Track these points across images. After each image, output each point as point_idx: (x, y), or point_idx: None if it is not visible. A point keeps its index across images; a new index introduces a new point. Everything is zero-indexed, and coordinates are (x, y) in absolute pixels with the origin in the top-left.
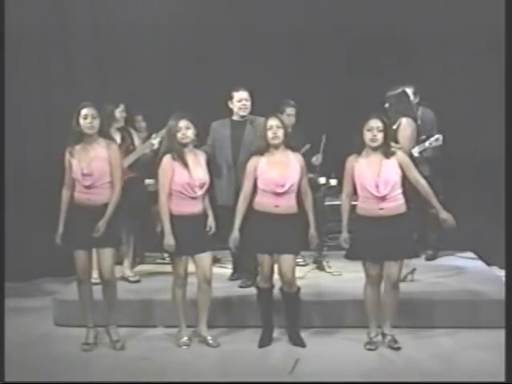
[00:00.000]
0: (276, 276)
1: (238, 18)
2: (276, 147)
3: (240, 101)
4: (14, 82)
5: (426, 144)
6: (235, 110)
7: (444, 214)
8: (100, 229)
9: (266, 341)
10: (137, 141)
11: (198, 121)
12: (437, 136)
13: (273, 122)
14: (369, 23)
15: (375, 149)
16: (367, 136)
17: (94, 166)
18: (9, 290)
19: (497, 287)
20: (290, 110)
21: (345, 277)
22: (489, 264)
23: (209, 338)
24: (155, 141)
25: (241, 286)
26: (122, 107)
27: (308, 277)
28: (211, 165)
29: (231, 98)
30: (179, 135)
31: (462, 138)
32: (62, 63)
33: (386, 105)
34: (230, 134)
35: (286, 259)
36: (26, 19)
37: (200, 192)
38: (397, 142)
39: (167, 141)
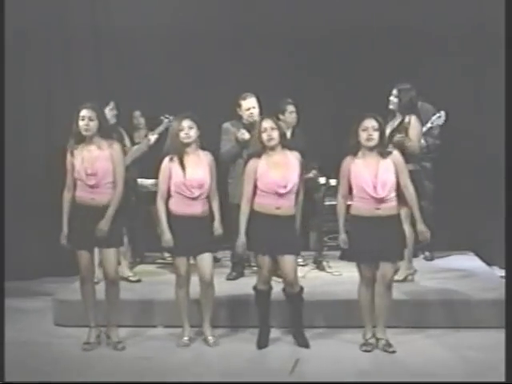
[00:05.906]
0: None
1: (237, 18)
2: (273, 149)
3: (248, 109)
4: (14, 82)
5: (428, 124)
6: (244, 117)
7: (422, 227)
8: (102, 228)
9: (264, 342)
10: (127, 140)
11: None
12: (438, 114)
13: (266, 124)
14: (369, 23)
15: (371, 149)
16: (363, 136)
17: (98, 165)
18: (9, 290)
19: (497, 287)
20: (292, 108)
21: (345, 277)
22: (489, 264)
23: (209, 337)
24: (152, 137)
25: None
26: (112, 105)
27: (308, 277)
28: (221, 165)
29: (239, 106)
30: (182, 135)
31: (461, 137)
32: (62, 63)
33: (392, 97)
34: None
35: (288, 260)
36: (26, 19)
37: (198, 192)
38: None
39: (169, 140)
